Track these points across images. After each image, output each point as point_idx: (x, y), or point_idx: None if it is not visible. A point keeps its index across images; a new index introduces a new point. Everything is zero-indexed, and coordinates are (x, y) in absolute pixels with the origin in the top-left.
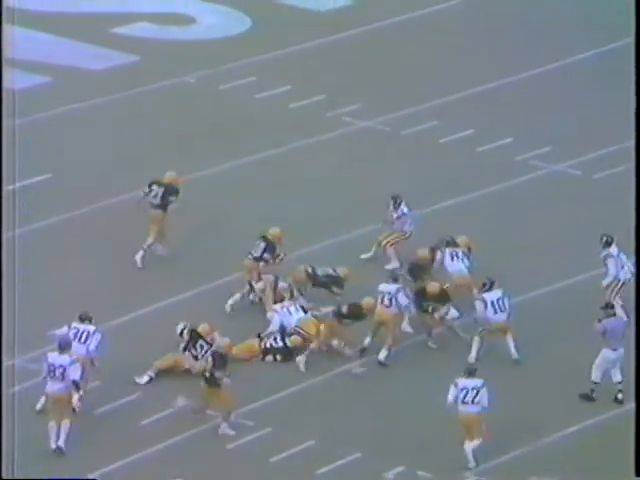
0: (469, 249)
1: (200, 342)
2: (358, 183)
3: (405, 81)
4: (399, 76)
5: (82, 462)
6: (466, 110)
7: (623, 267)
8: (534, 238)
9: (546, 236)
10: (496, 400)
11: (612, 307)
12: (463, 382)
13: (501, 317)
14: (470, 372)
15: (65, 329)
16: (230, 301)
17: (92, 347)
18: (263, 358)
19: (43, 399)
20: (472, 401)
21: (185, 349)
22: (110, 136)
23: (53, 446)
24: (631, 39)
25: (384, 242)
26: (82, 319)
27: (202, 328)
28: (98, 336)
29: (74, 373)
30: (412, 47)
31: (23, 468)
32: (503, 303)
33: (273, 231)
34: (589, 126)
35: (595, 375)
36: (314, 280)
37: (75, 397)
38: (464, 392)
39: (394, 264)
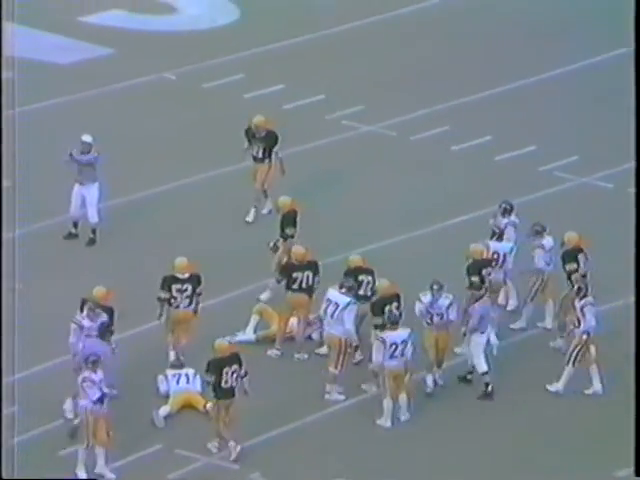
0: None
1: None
2: (359, 196)
3: (413, 80)
4: (407, 74)
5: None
6: (483, 114)
7: (549, 264)
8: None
9: None
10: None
11: (479, 288)
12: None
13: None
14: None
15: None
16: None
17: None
18: None
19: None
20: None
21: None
22: (77, 139)
23: (78, 471)
24: None
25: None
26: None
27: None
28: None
29: (86, 395)
30: (422, 42)
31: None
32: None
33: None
34: (622, 133)
35: (481, 366)
36: None
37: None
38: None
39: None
